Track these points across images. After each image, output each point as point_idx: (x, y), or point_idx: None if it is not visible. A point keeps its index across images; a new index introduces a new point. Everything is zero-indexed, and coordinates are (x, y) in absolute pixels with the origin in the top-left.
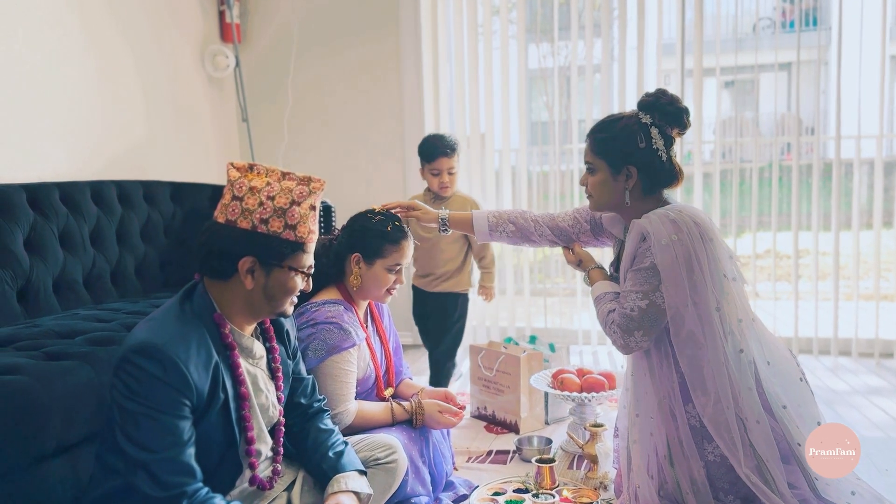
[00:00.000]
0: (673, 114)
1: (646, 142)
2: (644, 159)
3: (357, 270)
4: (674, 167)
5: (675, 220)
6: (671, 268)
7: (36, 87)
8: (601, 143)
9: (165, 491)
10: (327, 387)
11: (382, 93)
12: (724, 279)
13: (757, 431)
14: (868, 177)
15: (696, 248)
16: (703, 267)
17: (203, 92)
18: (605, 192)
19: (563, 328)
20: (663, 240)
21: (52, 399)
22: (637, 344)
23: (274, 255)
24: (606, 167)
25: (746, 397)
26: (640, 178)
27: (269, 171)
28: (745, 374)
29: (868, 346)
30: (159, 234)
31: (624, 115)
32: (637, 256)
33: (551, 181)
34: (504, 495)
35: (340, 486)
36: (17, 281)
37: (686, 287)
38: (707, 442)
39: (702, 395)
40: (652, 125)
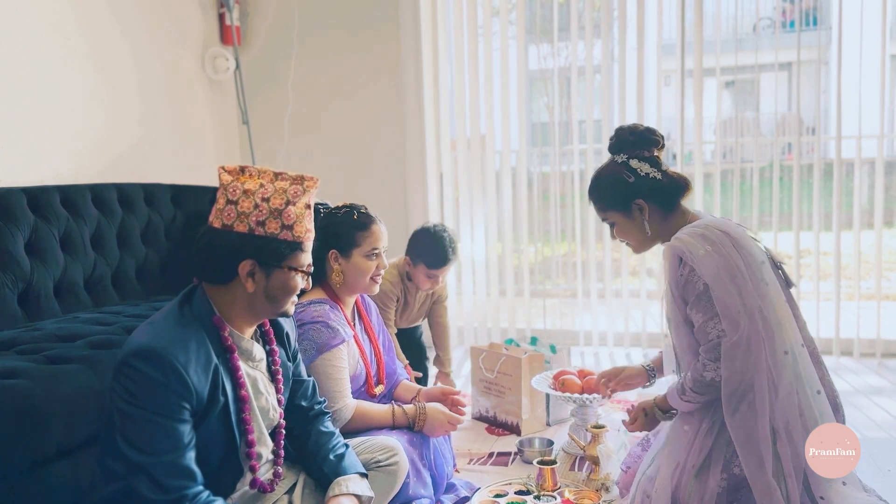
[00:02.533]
0: (636, 140)
1: (633, 174)
2: (643, 188)
3: (337, 267)
4: (674, 178)
5: (704, 234)
6: (716, 277)
7: (36, 90)
8: (600, 199)
9: (166, 494)
10: (321, 385)
11: (383, 94)
12: (764, 283)
13: (788, 442)
14: (869, 176)
15: (732, 256)
16: (743, 273)
17: (203, 94)
18: (633, 234)
19: (564, 329)
20: (700, 251)
21: (52, 403)
22: (740, 365)
23: (273, 256)
24: (618, 214)
25: (784, 404)
26: (650, 204)
27: (261, 172)
28: (786, 378)
29: (870, 346)
30: (160, 237)
31: (603, 168)
32: (686, 284)
33: (552, 182)
34: (505, 497)
35: (341, 488)
36: (17, 284)
37: (734, 292)
38: (736, 456)
39: (733, 403)
40: (629, 159)
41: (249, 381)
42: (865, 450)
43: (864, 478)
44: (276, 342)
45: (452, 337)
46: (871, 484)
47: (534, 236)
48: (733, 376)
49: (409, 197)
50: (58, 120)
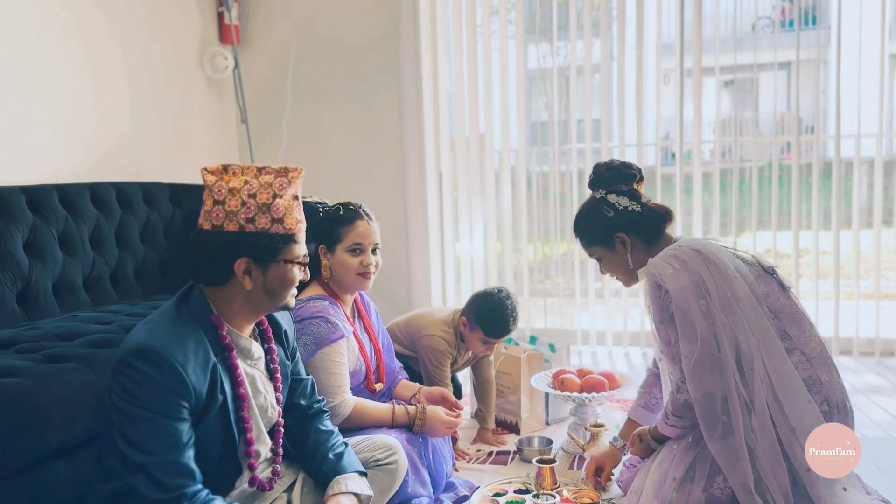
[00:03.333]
0: (612, 176)
1: (612, 209)
2: (622, 222)
3: (325, 262)
4: (654, 210)
5: (675, 254)
6: (682, 294)
7: (34, 89)
8: (583, 236)
9: (165, 493)
10: (321, 381)
11: (382, 94)
12: (735, 300)
13: (768, 460)
14: (868, 176)
15: (701, 273)
16: (710, 290)
17: (202, 94)
18: (618, 267)
19: (563, 328)
20: (668, 270)
21: (51, 401)
22: (713, 385)
23: (267, 251)
24: (602, 249)
25: (760, 423)
26: (632, 237)
27: (244, 169)
28: (759, 398)
29: (869, 345)
30: (159, 236)
31: (582, 206)
32: (663, 306)
33: (551, 181)
34: (505, 496)
35: (340, 487)
36: (16, 283)
37: (697, 311)
38: (718, 474)
39: (709, 424)
40: (606, 194)
41: (248, 380)
42: (865, 449)
43: (863, 477)
44: (274, 340)
45: None
46: (872, 483)
47: (533, 235)
48: (705, 397)
49: (408, 196)
50: (56, 119)
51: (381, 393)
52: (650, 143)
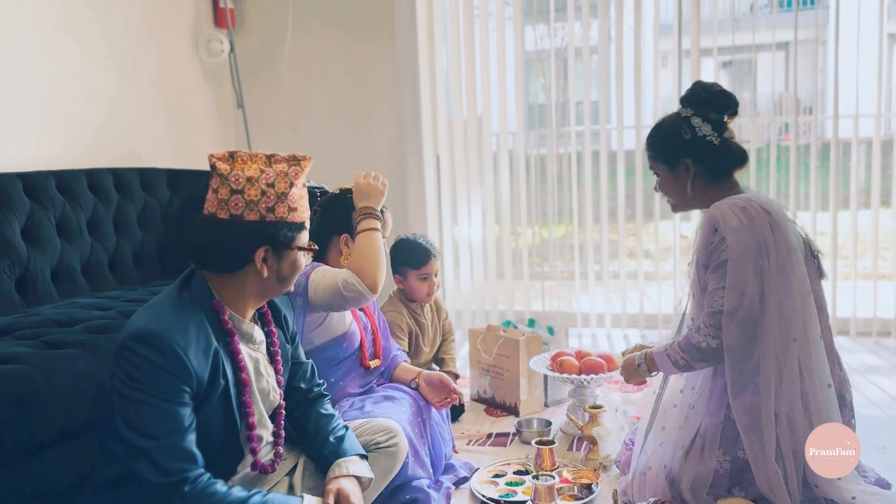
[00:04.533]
0: (709, 99)
1: (690, 133)
2: (694, 149)
3: (346, 251)
4: (731, 149)
5: (745, 206)
6: (740, 252)
7: (29, 75)
8: (652, 148)
9: (167, 477)
10: (324, 285)
11: (378, 77)
12: (790, 269)
13: (788, 428)
14: (866, 156)
15: (766, 236)
16: (769, 255)
17: (198, 78)
18: (673, 190)
19: (561, 311)
20: (733, 222)
21: (51, 387)
22: (732, 339)
23: (285, 240)
24: (664, 167)
25: (788, 390)
26: (697, 167)
27: (251, 156)
28: (792, 366)
29: (866, 325)
30: (156, 221)
31: (666, 117)
32: (713, 252)
33: (549, 164)
34: (504, 477)
35: (342, 470)
36: (15, 270)
37: (751, 271)
38: (718, 447)
39: (739, 386)
40: (693, 115)
41: (250, 364)
42: (861, 428)
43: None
44: (273, 324)
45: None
46: (869, 462)
47: (531, 219)
48: (736, 354)
49: (407, 180)
50: (51, 105)
51: (377, 372)
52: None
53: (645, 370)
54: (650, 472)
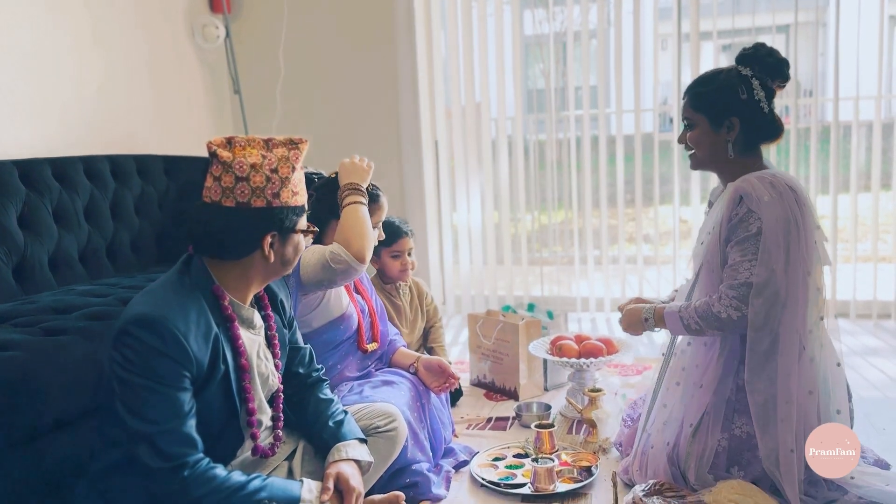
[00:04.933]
0: (773, 65)
1: (747, 93)
2: (746, 111)
3: None
4: (775, 120)
5: (772, 182)
6: (773, 225)
7: (24, 62)
8: (701, 98)
9: (167, 462)
10: (313, 258)
11: (376, 62)
12: (815, 245)
13: (802, 406)
14: (867, 139)
15: (794, 210)
16: (799, 230)
17: (193, 64)
18: (707, 145)
19: (561, 296)
20: (765, 197)
21: (50, 374)
22: (755, 314)
23: (290, 224)
24: (706, 121)
25: (806, 369)
26: (742, 130)
27: (249, 141)
28: (813, 344)
29: (866, 307)
30: (153, 208)
31: (723, 70)
32: (737, 225)
33: (548, 149)
34: (504, 460)
35: (341, 454)
36: (12, 258)
37: (782, 246)
38: (738, 416)
39: (757, 364)
40: (752, 77)
41: (250, 349)
42: (861, 410)
43: (859, 437)
44: (270, 308)
45: (450, 304)
46: (867, 443)
47: (530, 204)
48: (756, 337)
49: (405, 166)
50: (45, 91)
51: (375, 356)
52: (648, 108)
53: (651, 325)
54: (652, 450)
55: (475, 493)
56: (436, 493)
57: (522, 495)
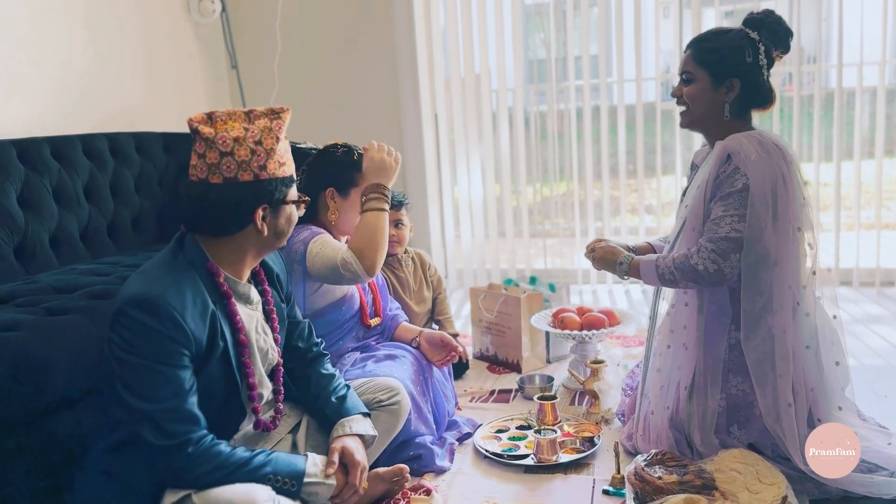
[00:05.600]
0: (780, 34)
1: (753, 56)
2: (748, 74)
3: (334, 205)
4: (769, 88)
5: (761, 141)
6: (760, 183)
7: (19, 40)
8: (707, 53)
9: (170, 439)
10: (323, 260)
11: (374, 34)
12: (804, 202)
13: (801, 360)
14: (870, 105)
15: (781, 169)
16: (787, 188)
17: (190, 40)
18: (703, 102)
19: (563, 268)
20: (753, 155)
21: (53, 354)
22: (732, 270)
23: (280, 195)
24: (708, 77)
25: (802, 325)
26: (741, 92)
27: (230, 114)
28: (808, 299)
29: (869, 275)
30: (153, 186)
31: (732, 29)
32: (723, 182)
33: (549, 120)
34: (507, 432)
35: (345, 429)
36: (13, 238)
37: (770, 205)
38: (733, 375)
39: (751, 322)
40: (759, 42)
41: (249, 324)
42: (863, 377)
43: (861, 404)
44: (267, 283)
45: (452, 278)
46: (869, 410)
47: (532, 176)
48: (749, 297)
49: (405, 139)
50: (42, 70)
51: (377, 331)
52: (650, 77)
53: (623, 271)
54: (652, 416)
55: (479, 464)
56: (440, 465)
57: (526, 466)
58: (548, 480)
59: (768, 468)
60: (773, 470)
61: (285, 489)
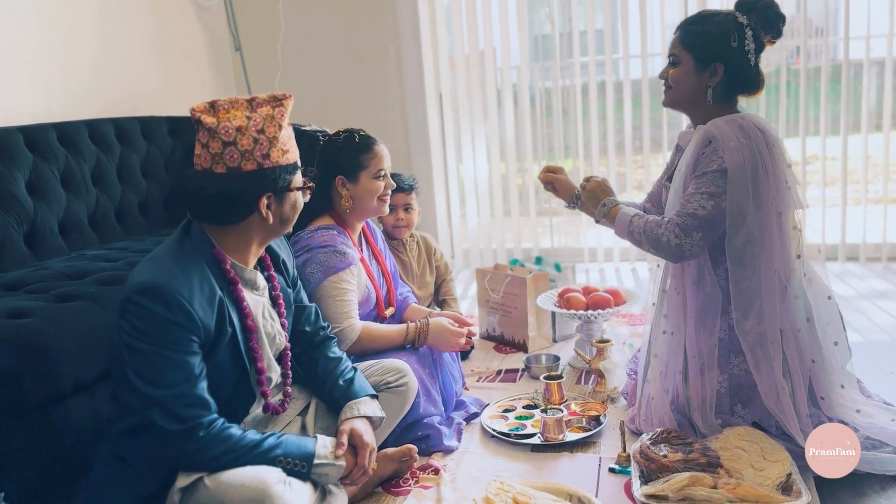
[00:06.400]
0: (770, 18)
1: (738, 41)
2: (733, 59)
3: (346, 192)
4: (759, 74)
5: (742, 125)
6: (739, 169)
7: (20, 25)
8: (693, 36)
9: (181, 424)
10: (328, 308)
11: (377, 13)
12: (787, 187)
13: (794, 342)
14: (878, 78)
15: (763, 154)
16: (768, 173)
17: (193, 23)
18: (686, 85)
19: (569, 247)
20: (732, 142)
21: (64, 340)
22: (692, 248)
23: (285, 183)
24: (692, 61)
25: (792, 306)
26: (724, 78)
27: (232, 103)
28: (797, 281)
29: (875, 250)
30: (160, 170)
31: (720, 12)
32: (701, 162)
33: (554, 97)
34: (514, 412)
35: (353, 412)
36: (22, 225)
37: (750, 191)
38: (734, 356)
39: (744, 306)
40: (747, 26)
41: (256, 310)
42: (868, 353)
43: (867, 380)
44: (273, 269)
45: (458, 259)
46: (874, 387)
47: (537, 154)
48: (738, 280)
49: (409, 119)
50: (47, 56)
51: (390, 317)
52: (656, 52)
53: (600, 215)
54: (654, 400)
55: (486, 443)
56: (447, 444)
57: (532, 445)
58: (554, 459)
59: (773, 445)
60: (777, 447)
61: (296, 471)
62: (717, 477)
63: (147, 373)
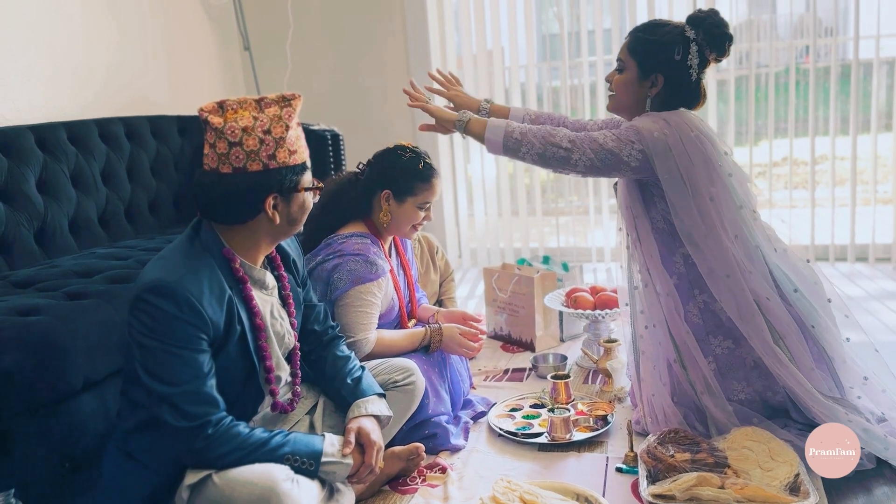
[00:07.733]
0: (717, 37)
1: (682, 55)
2: (674, 72)
3: (387, 207)
4: (699, 90)
5: (666, 119)
6: (665, 158)
7: (36, 27)
8: (639, 44)
9: (190, 421)
10: (348, 315)
11: (385, 12)
12: (718, 166)
13: (772, 308)
14: (888, 77)
15: (685, 141)
16: (692, 158)
17: (203, 22)
18: (628, 93)
19: (576, 247)
20: (655, 133)
21: (75, 337)
22: (630, 156)
23: (291, 184)
24: (636, 68)
25: (757, 279)
26: (664, 89)
27: (241, 103)
28: (753, 257)
29: (885, 251)
30: (170, 169)
31: (671, 24)
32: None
33: (562, 97)
34: (521, 411)
35: (361, 410)
36: (33, 223)
37: (680, 178)
38: (712, 336)
39: (713, 286)
40: (693, 41)
41: (264, 309)
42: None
43: None
44: (283, 268)
45: (466, 258)
46: None
47: None
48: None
49: (417, 118)
50: (57, 55)
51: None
52: None
53: (461, 128)
54: (654, 398)
55: (493, 442)
56: (455, 443)
57: (539, 444)
58: (561, 458)
59: (781, 446)
60: (785, 448)
61: (303, 469)
62: (725, 477)
63: (157, 370)
